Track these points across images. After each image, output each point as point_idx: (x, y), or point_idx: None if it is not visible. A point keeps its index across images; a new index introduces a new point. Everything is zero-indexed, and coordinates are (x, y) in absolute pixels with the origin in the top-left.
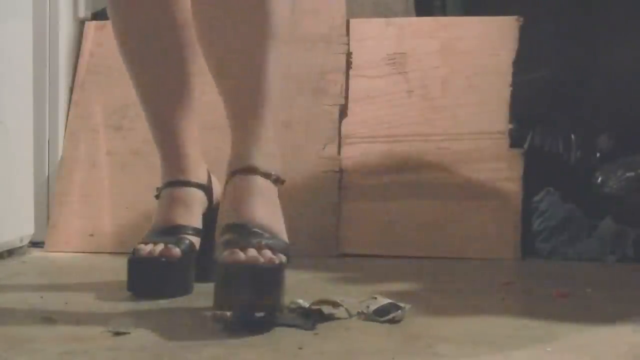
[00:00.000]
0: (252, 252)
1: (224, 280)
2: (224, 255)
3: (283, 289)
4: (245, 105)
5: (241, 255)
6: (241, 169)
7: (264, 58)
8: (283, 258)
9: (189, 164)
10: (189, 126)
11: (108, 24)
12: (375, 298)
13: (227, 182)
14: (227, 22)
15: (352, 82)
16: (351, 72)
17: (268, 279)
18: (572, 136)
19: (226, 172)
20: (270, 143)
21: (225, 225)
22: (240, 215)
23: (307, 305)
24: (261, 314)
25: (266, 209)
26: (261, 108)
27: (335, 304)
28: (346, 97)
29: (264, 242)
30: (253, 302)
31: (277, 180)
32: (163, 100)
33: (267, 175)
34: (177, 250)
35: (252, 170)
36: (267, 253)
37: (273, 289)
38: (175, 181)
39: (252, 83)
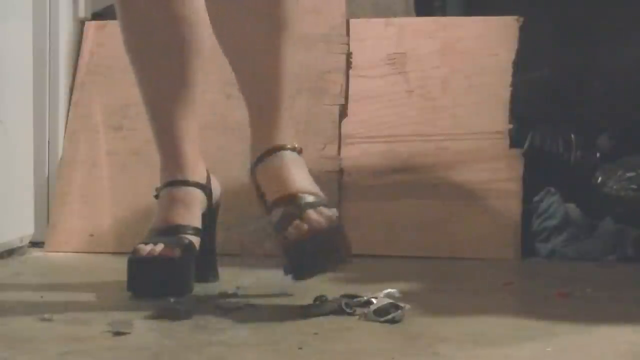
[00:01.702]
0: (310, 215)
1: (300, 254)
2: (289, 232)
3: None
4: (262, 93)
5: (304, 226)
6: (273, 148)
7: (276, 48)
8: (335, 211)
9: (188, 163)
10: (188, 125)
11: (108, 24)
12: (376, 298)
13: (256, 166)
14: (242, 15)
15: (352, 82)
16: (351, 72)
17: (337, 236)
18: (572, 136)
19: (252, 157)
20: (288, 124)
21: (274, 200)
22: (285, 187)
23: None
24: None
25: (302, 176)
26: (279, 94)
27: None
28: (346, 97)
29: (314, 202)
30: (332, 260)
31: (300, 151)
32: (163, 97)
33: (292, 149)
34: (177, 250)
35: (280, 148)
36: (324, 210)
37: (343, 242)
38: (174, 181)
39: (266, 72)
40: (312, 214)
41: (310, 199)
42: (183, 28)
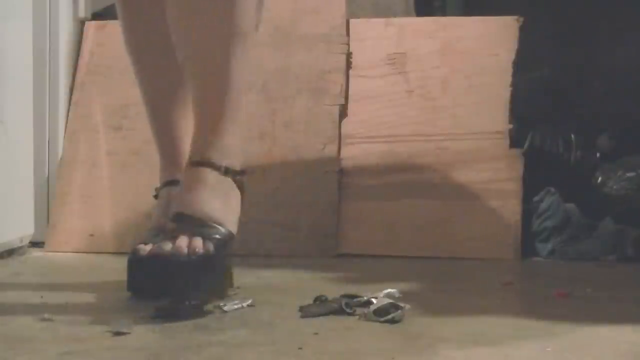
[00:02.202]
0: (180, 241)
1: (138, 269)
2: (146, 246)
3: (202, 278)
4: (206, 99)
5: (157, 249)
6: (193, 162)
7: (227, 54)
8: (210, 249)
9: None
10: (188, 125)
11: (108, 24)
12: (376, 298)
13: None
14: (192, 18)
15: (352, 82)
16: (351, 72)
17: (175, 269)
18: (572, 136)
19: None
20: (228, 136)
21: (172, 213)
22: (180, 205)
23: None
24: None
25: (212, 200)
26: (221, 102)
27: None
28: (346, 97)
29: (197, 231)
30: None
31: (228, 172)
32: (163, 97)
33: (217, 168)
34: None
35: (202, 163)
36: (196, 242)
37: (180, 278)
38: (174, 180)
39: (214, 78)
40: (181, 240)
41: (191, 227)
42: None
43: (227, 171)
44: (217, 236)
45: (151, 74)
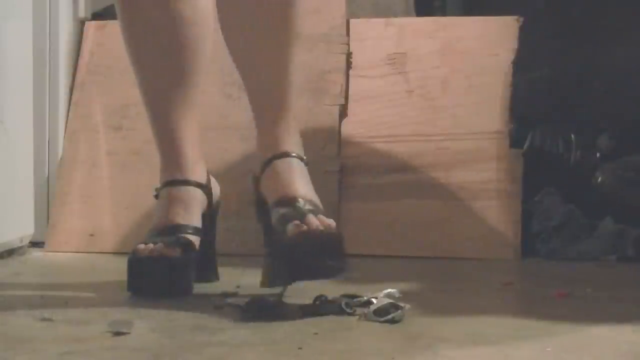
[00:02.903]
0: (310, 220)
1: (294, 250)
2: (289, 229)
3: (343, 250)
4: (274, 98)
5: (304, 226)
6: (280, 154)
7: (290, 55)
8: (334, 223)
9: (188, 162)
10: (189, 125)
11: (108, 24)
12: (376, 298)
13: (264, 168)
14: (253, 25)
15: (352, 82)
16: (351, 72)
17: (336, 243)
18: (572, 136)
19: (261, 159)
20: (296, 131)
21: (276, 200)
22: (289, 190)
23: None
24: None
25: (306, 185)
26: (288, 99)
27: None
28: (346, 97)
29: (315, 210)
30: (327, 266)
31: (307, 163)
32: (163, 97)
33: (300, 158)
34: (176, 250)
35: (288, 154)
36: (324, 219)
37: (342, 251)
38: (174, 180)
39: (280, 78)
40: (312, 218)
41: (311, 206)
42: (185, 28)
43: (306, 162)
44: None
45: (151, 74)
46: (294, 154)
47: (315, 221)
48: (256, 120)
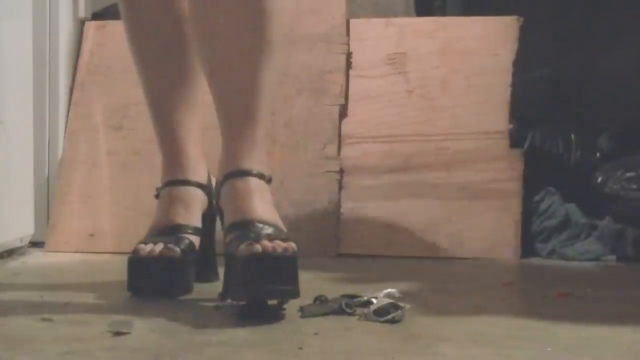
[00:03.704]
0: (266, 243)
1: (245, 271)
2: (240, 248)
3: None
4: (240, 109)
5: (258, 247)
6: (238, 171)
7: (260, 63)
8: (294, 246)
9: (189, 163)
10: (191, 125)
11: (108, 24)
12: (376, 298)
13: (222, 184)
14: (225, 26)
15: (352, 82)
16: (351, 72)
17: (288, 267)
18: (572, 136)
19: (219, 174)
20: (262, 146)
21: (231, 223)
22: (244, 212)
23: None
24: (274, 302)
25: (265, 206)
26: (256, 112)
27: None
28: (346, 97)
29: (273, 234)
30: (277, 290)
31: (269, 181)
32: (166, 97)
33: (261, 177)
34: (176, 250)
35: (248, 172)
36: (280, 243)
37: (294, 276)
38: (175, 180)
39: (248, 88)
40: (267, 242)
41: (269, 230)
42: (187, 28)
43: (268, 180)
44: (288, 236)
45: (154, 73)
46: (254, 172)
47: (269, 244)
48: (222, 131)
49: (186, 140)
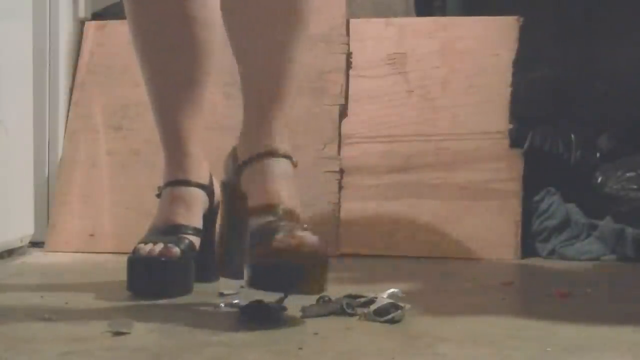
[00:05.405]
0: (299, 231)
1: (281, 267)
2: (276, 239)
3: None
4: (270, 90)
5: (292, 240)
6: (265, 153)
7: (292, 47)
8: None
9: (192, 163)
10: (194, 125)
11: (108, 24)
12: (376, 298)
13: (248, 164)
14: (259, 11)
15: (352, 82)
16: (351, 72)
17: (321, 263)
18: (572, 136)
19: (243, 154)
20: (287, 128)
21: (259, 205)
22: (273, 197)
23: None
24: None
25: (292, 191)
26: (284, 96)
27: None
28: (346, 97)
29: (304, 225)
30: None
31: (295, 165)
32: (170, 97)
33: (286, 157)
34: (176, 250)
35: (274, 153)
36: (309, 235)
37: (324, 271)
38: (176, 180)
39: (279, 70)
40: (299, 231)
41: (293, 219)
42: (195, 28)
43: (295, 164)
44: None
45: (159, 73)
46: (281, 153)
47: (303, 234)
48: (246, 112)
49: (189, 140)
